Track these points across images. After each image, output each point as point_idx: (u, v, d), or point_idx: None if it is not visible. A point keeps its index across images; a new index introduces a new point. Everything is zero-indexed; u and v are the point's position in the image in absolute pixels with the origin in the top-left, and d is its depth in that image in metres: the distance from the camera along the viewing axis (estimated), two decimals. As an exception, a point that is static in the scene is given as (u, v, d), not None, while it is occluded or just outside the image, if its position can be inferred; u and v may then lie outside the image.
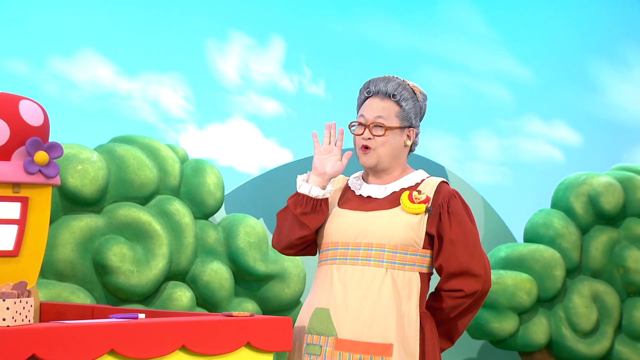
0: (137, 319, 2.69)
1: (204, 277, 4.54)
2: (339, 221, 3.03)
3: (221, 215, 4.93)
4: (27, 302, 2.46)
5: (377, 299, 2.93)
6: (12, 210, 2.99)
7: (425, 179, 3.06)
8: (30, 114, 3.02)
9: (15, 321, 2.45)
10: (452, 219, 2.98)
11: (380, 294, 2.93)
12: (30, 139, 2.97)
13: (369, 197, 3.05)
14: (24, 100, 3.04)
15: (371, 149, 3.02)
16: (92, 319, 3.04)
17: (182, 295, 4.45)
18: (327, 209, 3.04)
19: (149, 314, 2.90)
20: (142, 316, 2.74)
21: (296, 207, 3.01)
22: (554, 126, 7.14)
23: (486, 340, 5.72)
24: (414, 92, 3.08)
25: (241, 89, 6.01)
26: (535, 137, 7.08)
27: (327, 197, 3.04)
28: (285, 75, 6.17)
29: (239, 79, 6.00)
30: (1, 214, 2.97)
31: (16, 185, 2.97)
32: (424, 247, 2.99)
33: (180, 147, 4.79)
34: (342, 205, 3.08)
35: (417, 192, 2.98)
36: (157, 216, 4.44)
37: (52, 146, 3.03)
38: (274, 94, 6.10)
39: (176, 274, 4.51)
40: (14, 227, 2.99)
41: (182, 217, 4.49)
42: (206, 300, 4.56)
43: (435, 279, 3.07)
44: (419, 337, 2.95)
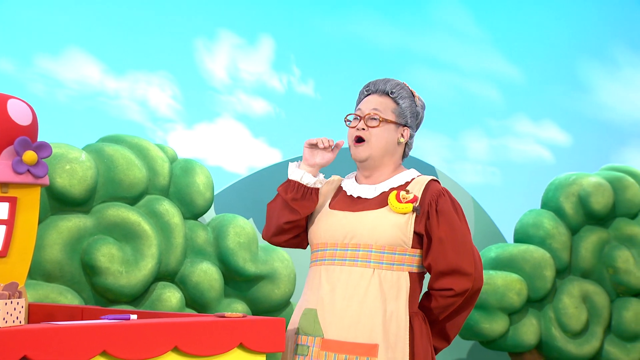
0: (129, 320, 2.67)
1: (194, 278, 4.52)
2: (328, 222, 3.03)
3: (211, 215, 4.91)
4: (17, 303, 2.44)
5: (364, 299, 2.92)
6: (0, 210, 2.96)
7: (415, 178, 3.05)
8: (18, 113, 2.99)
9: (6, 322, 2.43)
10: (440, 218, 2.97)
11: (366, 294, 2.93)
12: (18, 138, 2.94)
13: (358, 197, 3.05)
14: (12, 99, 3.01)
15: (365, 141, 3.02)
16: (82, 320, 3.01)
17: (172, 296, 4.44)
18: (317, 199, 3.06)
19: (140, 315, 2.88)
20: (134, 317, 2.72)
21: (287, 193, 3.03)
22: (543, 126, 7.15)
23: (476, 340, 5.71)
24: (413, 95, 3.10)
25: (230, 89, 5.98)
26: (524, 137, 7.09)
27: (318, 187, 3.05)
28: (274, 74, 6.14)
29: (228, 79, 5.97)
30: (-11, 214, 2.94)
31: (4, 185, 2.94)
32: (413, 247, 2.98)
33: (169, 147, 4.76)
34: (333, 206, 3.08)
35: (405, 191, 2.98)
36: (146, 216, 4.42)
37: (41, 146, 3.00)
38: (263, 93, 6.08)
39: (165, 275, 4.49)
40: (2, 228, 2.96)
41: (172, 217, 4.47)
42: (195, 301, 4.54)
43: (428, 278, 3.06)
44: (408, 337, 2.93)
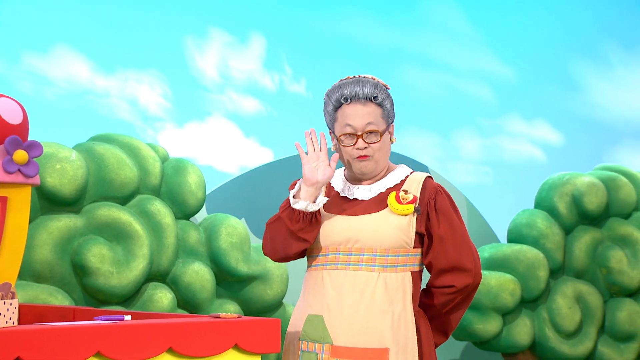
0: (123, 321, 2.64)
1: (185, 278, 4.49)
2: (329, 227, 2.98)
3: (202, 215, 4.88)
4: (10, 304, 2.40)
5: (371, 303, 2.91)
6: (-10, 210, 2.91)
7: (409, 175, 3.02)
8: (8, 112, 2.94)
9: (-2, 323, 2.39)
10: (439, 216, 2.96)
11: (373, 298, 2.91)
12: (9, 137, 2.89)
13: (354, 199, 3.00)
14: (2, 97, 2.96)
15: (369, 156, 2.96)
16: (74, 321, 2.98)
17: (163, 296, 4.41)
18: (321, 217, 2.98)
19: (134, 316, 2.85)
20: (128, 318, 2.69)
21: (293, 224, 2.94)
22: (536, 126, 7.14)
23: (469, 341, 5.69)
24: (385, 87, 3.01)
25: (221, 87, 5.94)
26: (517, 137, 7.08)
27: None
28: (265, 73, 6.11)
29: (219, 77, 5.94)
30: (-21, 214, 2.89)
31: (-5, 184, 2.89)
32: (414, 247, 2.97)
33: (160, 146, 4.73)
34: (329, 209, 3.02)
35: (404, 192, 2.95)
36: (137, 216, 4.39)
37: (32, 145, 2.95)
38: (254, 92, 6.04)
39: (157, 275, 4.46)
40: (-7, 227, 2.91)
41: (163, 217, 4.45)
42: (187, 301, 4.51)
43: (426, 275, 3.05)
44: (416, 336, 2.93)
